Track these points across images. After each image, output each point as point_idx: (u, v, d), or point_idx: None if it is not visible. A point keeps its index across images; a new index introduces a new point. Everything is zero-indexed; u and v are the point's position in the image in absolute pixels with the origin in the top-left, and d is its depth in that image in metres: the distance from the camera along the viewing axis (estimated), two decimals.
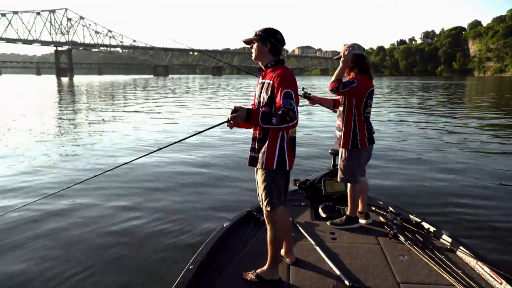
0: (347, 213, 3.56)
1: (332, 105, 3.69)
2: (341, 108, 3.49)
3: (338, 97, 3.55)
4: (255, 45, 2.57)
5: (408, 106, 21.09)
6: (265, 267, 2.67)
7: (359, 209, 3.63)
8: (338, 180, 3.60)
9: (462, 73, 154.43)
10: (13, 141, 9.93)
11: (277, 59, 2.56)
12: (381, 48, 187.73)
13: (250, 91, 36.27)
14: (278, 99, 2.40)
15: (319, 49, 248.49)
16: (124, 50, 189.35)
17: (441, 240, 3.22)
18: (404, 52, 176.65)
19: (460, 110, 19.31)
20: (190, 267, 2.64)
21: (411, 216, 3.61)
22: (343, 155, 3.50)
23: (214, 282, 2.62)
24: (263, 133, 2.53)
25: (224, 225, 3.34)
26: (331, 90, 3.30)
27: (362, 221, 3.61)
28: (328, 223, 3.59)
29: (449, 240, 3.15)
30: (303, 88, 3.72)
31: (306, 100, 3.74)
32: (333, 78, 3.33)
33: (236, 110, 2.39)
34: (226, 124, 2.47)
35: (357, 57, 3.39)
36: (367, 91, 3.37)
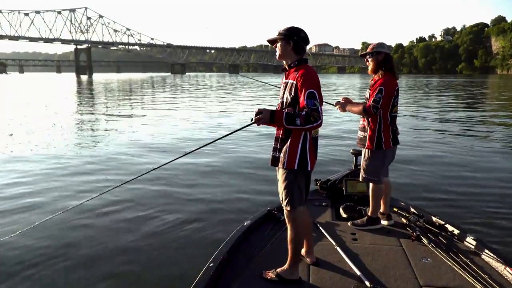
0: (369, 213, 3.51)
1: None
2: (362, 105, 3.43)
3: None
4: (278, 44, 2.58)
5: (431, 105, 20.71)
6: (285, 267, 2.66)
7: (381, 210, 3.58)
8: (360, 179, 3.55)
9: (483, 71, 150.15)
10: (36, 140, 10.18)
11: (300, 58, 2.55)
12: (399, 46, 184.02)
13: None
14: (302, 100, 2.39)
15: (337, 47, 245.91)
16: (142, 48, 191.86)
17: (466, 243, 3.14)
18: (424, 49, 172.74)
19: (489, 110, 18.84)
20: (211, 265, 2.65)
21: (434, 218, 3.54)
22: (366, 155, 3.45)
23: (234, 280, 2.63)
24: (285, 133, 2.53)
25: (245, 224, 3.35)
26: (374, 115, 3.27)
27: (384, 222, 3.55)
28: (349, 223, 3.55)
29: (475, 243, 3.06)
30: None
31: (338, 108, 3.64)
32: (358, 111, 3.35)
33: (260, 112, 2.39)
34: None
35: (385, 56, 3.35)
36: (394, 90, 3.33)
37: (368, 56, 3.43)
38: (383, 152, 3.39)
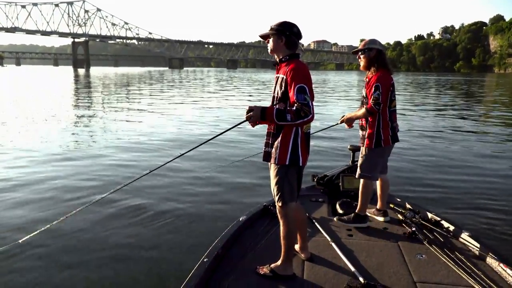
0: (356, 210, 3.47)
1: None
2: (364, 107, 3.38)
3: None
4: (271, 40, 2.57)
5: (427, 103, 20.74)
6: (278, 262, 2.66)
7: (378, 206, 3.58)
8: (356, 176, 3.53)
9: (481, 70, 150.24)
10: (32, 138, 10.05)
11: (292, 53, 2.53)
12: (398, 43, 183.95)
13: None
14: (292, 94, 2.38)
15: (335, 44, 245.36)
16: (140, 42, 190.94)
17: (461, 239, 3.14)
18: (422, 47, 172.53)
19: (484, 108, 18.88)
20: (205, 260, 2.64)
21: (430, 215, 3.54)
22: (364, 152, 3.43)
23: (228, 276, 2.62)
24: (277, 128, 2.52)
25: (240, 219, 3.34)
26: (377, 112, 3.25)
27: (380, 219, 3.55)
28: (335, 219, 3.54)
29: (470, 240, 3.07)
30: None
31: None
32: (362, 115, 3.34)
33: (251, 110, 2.39)
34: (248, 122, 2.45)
35: (377, 53, 3.33)
36: (390, 85, 3.31)
37: (360, 53, 3.41)
38: (382, 150, 3.38)
